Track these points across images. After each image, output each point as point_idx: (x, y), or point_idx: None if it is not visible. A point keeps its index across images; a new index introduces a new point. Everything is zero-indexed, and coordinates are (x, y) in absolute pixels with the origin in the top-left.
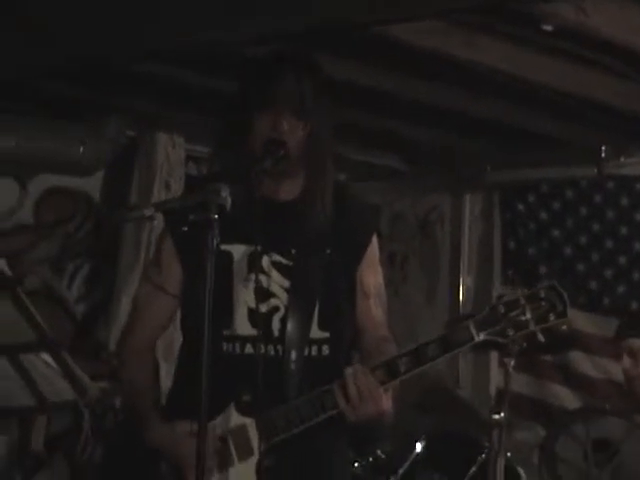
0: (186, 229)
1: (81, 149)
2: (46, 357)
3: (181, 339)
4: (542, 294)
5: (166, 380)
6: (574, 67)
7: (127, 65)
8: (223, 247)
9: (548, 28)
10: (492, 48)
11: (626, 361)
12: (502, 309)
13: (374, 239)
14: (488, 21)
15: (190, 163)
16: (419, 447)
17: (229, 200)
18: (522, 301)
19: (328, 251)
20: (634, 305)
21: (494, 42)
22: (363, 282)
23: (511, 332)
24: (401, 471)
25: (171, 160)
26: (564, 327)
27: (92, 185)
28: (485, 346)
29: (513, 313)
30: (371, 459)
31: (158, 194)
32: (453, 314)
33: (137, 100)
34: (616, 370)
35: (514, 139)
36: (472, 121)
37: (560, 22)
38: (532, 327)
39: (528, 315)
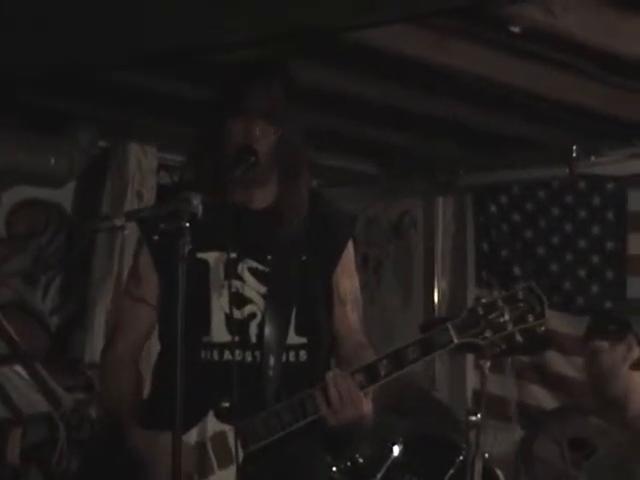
0: (157, 238)
1: (52, 160)
2: (20, 369)
3: (158, 348)
4: (520, 295)
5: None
6: (544, 69)
7: (100, 73)
8: (199, 255)
9: (516, 30)
10: (463, 51)
11: (585, 361)
12: (480, 311)
13: (349, 245)
14: (459, 24)
15: (162, 172)
16: (396, 451)
17: (200, 208)
18: (500, 303)
19: (304, 257)
20: (608, 304)
21: (465, 45)
22: (339, 288)
23: (489, 334)
24: (379, 475)
25: (143, 169)
26: (542, 328)
27: (64, 196)
28: (461, 348)
29: (491, 315)
30: (349, 464)
31: (130, 204)
32: (428, 317)
33: (108, 110)
34: None
35: (485, 141)
36: (443, 124)
37: (529, 24)
38: (510, 328)
39: (506, 317)
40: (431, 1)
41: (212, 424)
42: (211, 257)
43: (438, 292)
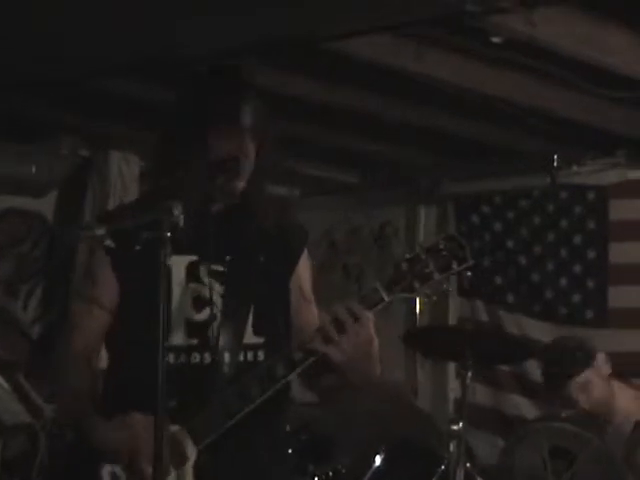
0: (139, 248)
1: (33, 169)
2: (0, 379)
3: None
4: (441, 245)
5: None
6: (524, 79)
7: (82, 82)
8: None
9: (497, 40)
10: (442, 61)
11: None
12: (405, 266)
13: (305, 252)
14: (438, 34)
15: (144, 180)
16: (378, 460)
17: (182, 218)
18: (423, 255)
19: (262, 259)
20: (589, 314)
21: (444, 55)
22: (304, 289)
23: (417, 285)
24: None
25: (125, 178)
26: (468, 274)
27: (45, 205)
28: (444, 357)
29: (416, 268)
30: (331, 473)
31: None
32: (409, 326)
33: (90, 118)
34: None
35: (467, 151)
36: (425, 134)
37: (509, 34)
38: (437, 277)
39: (431, 267)
40: (411, 11)
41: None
42: (173, 261)
43: (419, 301)
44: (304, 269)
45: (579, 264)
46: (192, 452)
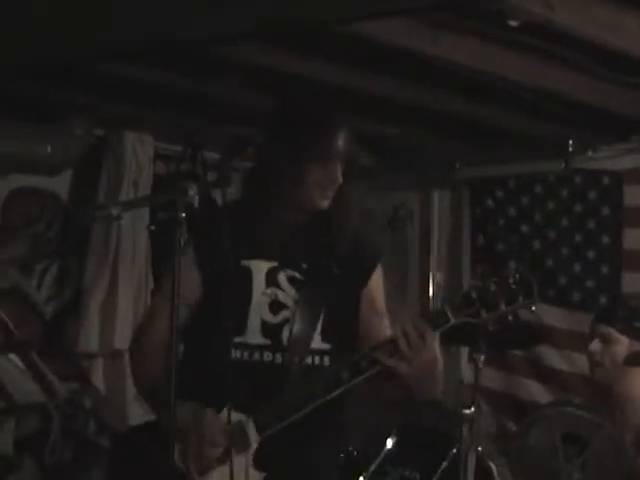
0: (154, 228)
1: (48, 149)
2: (14, 358)
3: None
4: (511, 279)
5: None
6: (541, 62)
7: (92, 65)
8: (243, 263)
9: (514, 23)
10: (459, 45)
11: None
12: (474, 294)
13: (379, 267)
14: (454, 17)
15: (158, 162)
16: (390, 443)
17: (197, 198)
18: (493, 286)
19: (336, 270)
20: (603, 299)
21: (461, 38)
22: (375, 303)
23: (483, 313)
24: (372, 467)
25: (139, 159)
26: (533, 308)
27: (60, 185)
28: (458, 339)
29: (485, 297)
30: (343, 456)
31: (126, 193)
32: (423, 310)
33: (105, 99)
34: (585, 364)
35: (482, 135)
36: (440, 117)
37: (526, 17)
38: (503, 308)
39: (499, 298)
40: None
41: (231, 414)
42: (254, 265)
43: (433, 285)
44: (377, 284)
45: (593, 249)
46: (255, 440)
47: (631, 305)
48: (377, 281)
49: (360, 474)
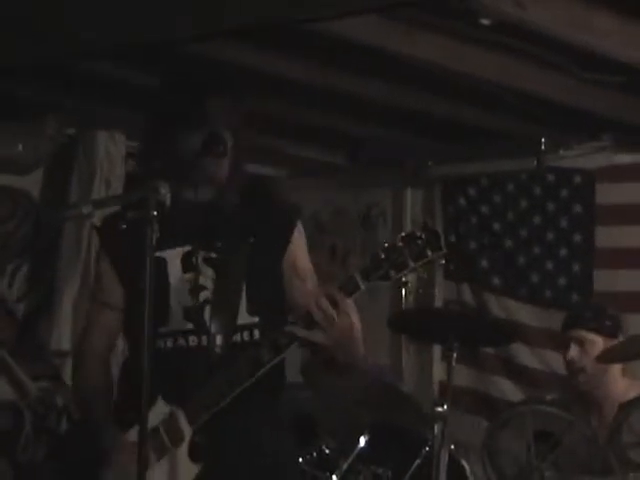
0: (125, 226)
1: (20, 147)
2: None
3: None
4: (417, 234)
5: None
6: (513, 61)
7: (68, 62)
8: (158, 254)
9: (486, 22)
10: (430, 43)
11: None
12: (382, 255)
13: (300, 230)
14: (427, 16)
15: (130, 161)
16: (363, 442)
17: (168, 197)
18: (399, 244)
19: (252, 240)
20: (575, 297)
21: (433, 37)
22: (298, 267)
23: (393, 273)
24: (345, 466)
25: (111, 157)
26: (442, 261)
27: (32, 183)
28: (429, 339)
29: (393, 256)
30: (315, 454)
31: (98, 192)
32: (395, 309)
33: (76, 97)
34: (557, 362)
35: (454, 133)
36: (413, 116)
37: (498, 16)
38: (411, 265)
39: (406, 255)
40: None
41: (161, 407)
42: (168, 255)
43: (405, 283)
44: (297, 246)
45: (565, 247)
46: (187, 431)
47: (598, 304)
48: (297, 243)
49: (332, 472)
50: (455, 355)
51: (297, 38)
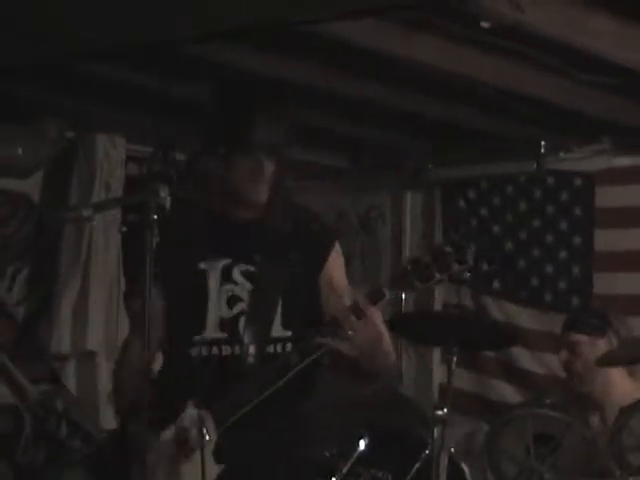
0: (125, 229)
1: (20, 150)
2: None
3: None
4: (445, 247)
5: (109, 379)
6: (513, 64)
7: (69, 64)
8: (200, 265)
9: (485, 25)
10: (430, 45)
11: (562, 355)
12: (409, 266)
13: (336, 247)
14: (425, 18)
15: (130, 164)
16: (362, 445)
17: (168, 200)
18: (427, 257)
19: (290, 257)
20: (575, 301)
21: (432, 39)
22: (334, 284)
23: (418, 284)
24: (345, 469)
25: (111, 160)
26: (467, 274)
27: (32, 187)
28: (429, 342)
29: (420, 268)
30: (314, 457)
31: (98, 195)
32: (395, 312)
33: (76, 100)
34: (558, 365)
35: (454, 136)
36: (412, 118)
37: (497, 19)
38: (437, 277)
39: (433, 267)
40: None
41: (192, 411)
42: (209, 266)
43: None
44: (334, 264)
45: (565, 250)
46: (213, 434)
47: (599, 307)
48: (334, 262)
49: (332, 476)
50: (455, 358)
51: (295, 40)
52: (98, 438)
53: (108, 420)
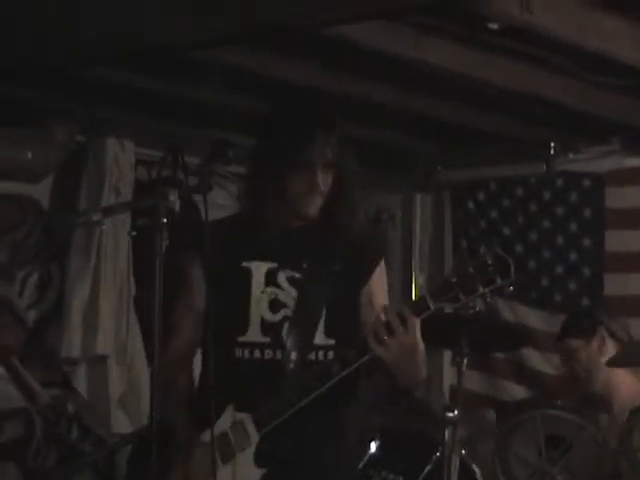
0: (135, 233)
1: (29, 155)
2: None
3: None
4: (488, 261)
5: (120, 383)
6: (522, 66)
7: (79, 69)
8: (244, 264)
9: (494, 27)
10: (440, 47)
11: (563, 361)
12: (453, 278)
13: (382, 264)
14: (435, 20)
15: (140, 167)
16: (373, 447)
17: (178, 204)
18: (471, 270)
19: (337, 267)
20: (585, 301)
21: (442, 41)
22: (374, 301)
23: (462, 297)
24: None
25: (120, 165)
26: (510, 288)
27: (41, 191)
28: (438, 343)
29: (463, 281)
30: None
31: (107, 199)
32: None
33: (86, 105)
34: None
35: (463, 138)
36: (422, 120)
37: (506, 20)
38: (481, 290)
39: (477, 280)
40: None
41: (232, 414)
42: (254, 266)
43: (415, 288)
44: (377, 281)
45: (575, 252)
46: (254, 438)
47: (588, 308)
48: (378, 278)
49: None
50: (465, 360)
51: (307, 42)
52: (110, 442)
53: (119, 424)
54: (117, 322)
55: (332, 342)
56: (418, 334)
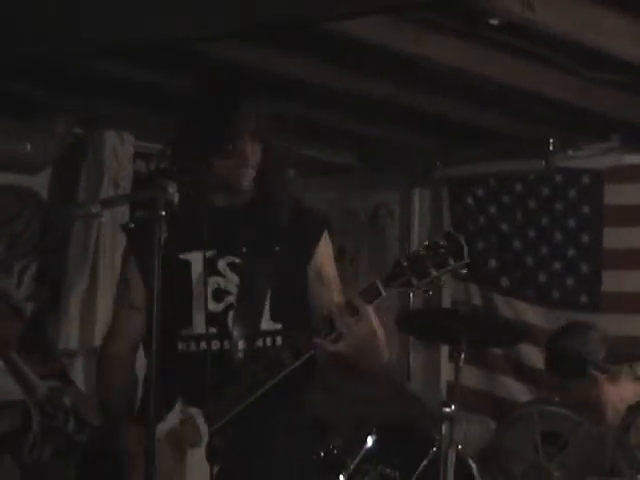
0: (133, 225)
1: (28, 147)
2: None
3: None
4: (441, 242)
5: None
6: (522, 62)
7: (77, 61)
8: (182, 256)
9: (494, 22)
10: (440, 43)
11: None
12: (404, 262)
13: (326, 238)
14: (436, 17)
15: (138, 160)
16: (370, 441)
17: (177, 196)
18: (422, 252)
19: (278, 247)
20: (583, 298)
21: (442, 37)
22: (322, 275)
23: (415, 281)
24: (352, 466)
25: (119, 157)
26: (464, 271)
27: (40, 183)
28: (435, 339)
29: (415, 264)
30: (323, 454)
31: (106, 191)
32: (402, 309)
33: (85, 97)
34: None
35: (463, 134)
36: (421, 116)
37: (507, 17)
38: (434, 273)
39: (429, 264)
40: None
41: (181, 410)
42: (193, 257)
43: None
44: (323, 254)
45: (573, 248)
46: (205, 433)
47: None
48: (323, 252)
49: (340, 472)
50: (463, 355)
51: (307, 38)
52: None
53: None
54: None
55: (279, 327)
56: (374, 320)
